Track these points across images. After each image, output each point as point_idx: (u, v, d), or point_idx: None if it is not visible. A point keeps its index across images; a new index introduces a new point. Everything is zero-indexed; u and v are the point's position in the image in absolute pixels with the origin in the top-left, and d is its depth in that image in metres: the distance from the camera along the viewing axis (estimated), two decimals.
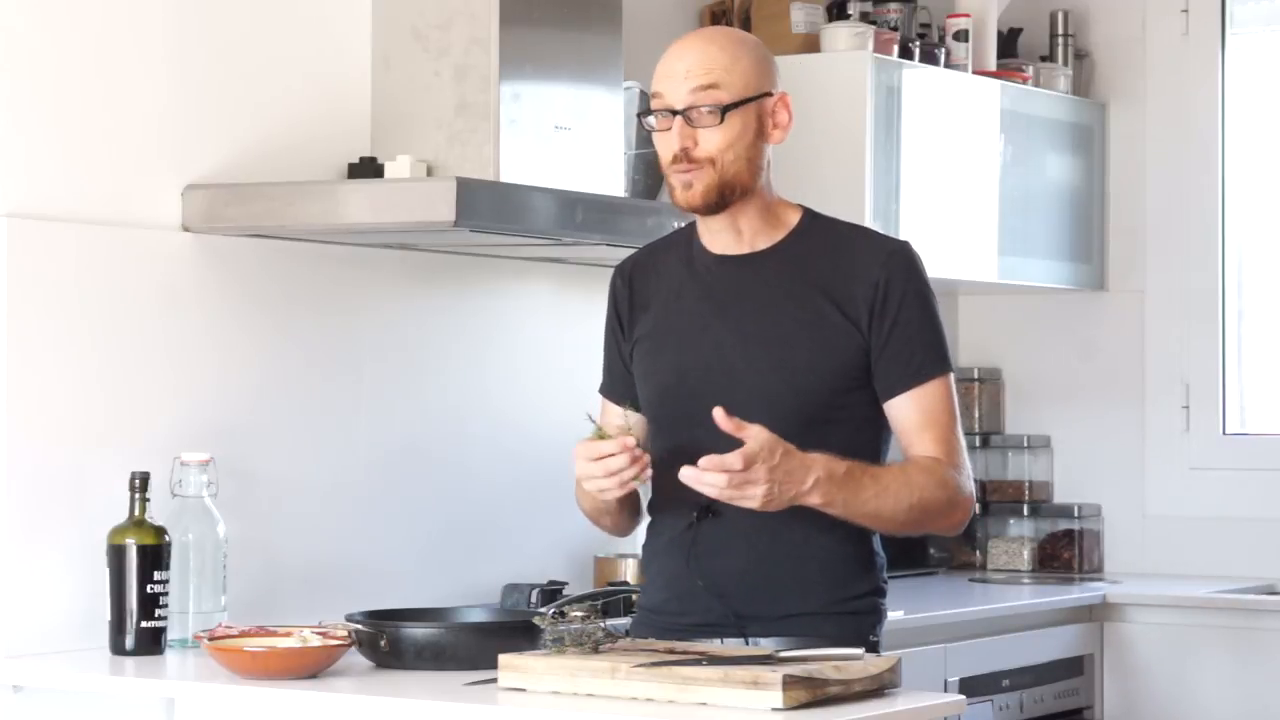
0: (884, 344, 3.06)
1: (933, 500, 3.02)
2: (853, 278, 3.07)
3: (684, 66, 3.03)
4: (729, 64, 3.03)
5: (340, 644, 3.17)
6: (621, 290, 3.23)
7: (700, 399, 3.05)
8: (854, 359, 3.06)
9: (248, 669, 3.13)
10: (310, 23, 3.89)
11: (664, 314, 3.16)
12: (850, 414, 3.08)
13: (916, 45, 4.87)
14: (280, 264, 3.80)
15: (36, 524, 3.41)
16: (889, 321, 3.05)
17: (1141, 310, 5.46)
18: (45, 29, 3.46)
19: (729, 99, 3.02)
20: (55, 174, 3.47)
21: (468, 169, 3.77)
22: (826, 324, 3.06)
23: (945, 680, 4.35)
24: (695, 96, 3.02)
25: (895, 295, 3.06)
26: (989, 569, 5.42)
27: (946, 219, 4.93)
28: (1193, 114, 5.39)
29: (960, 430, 3.11)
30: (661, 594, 3.17)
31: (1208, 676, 4.88)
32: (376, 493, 3.97)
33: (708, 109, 3.01)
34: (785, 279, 3.09)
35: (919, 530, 3.11)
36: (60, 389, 3.45)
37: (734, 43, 3.07)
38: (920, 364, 3.07)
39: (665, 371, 3.15)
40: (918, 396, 3.07)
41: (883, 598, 3.16)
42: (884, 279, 3.06)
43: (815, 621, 3.03)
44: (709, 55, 3.03)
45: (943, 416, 3.08)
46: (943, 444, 3.06)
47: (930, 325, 3.10)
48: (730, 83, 3.02)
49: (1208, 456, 5.36)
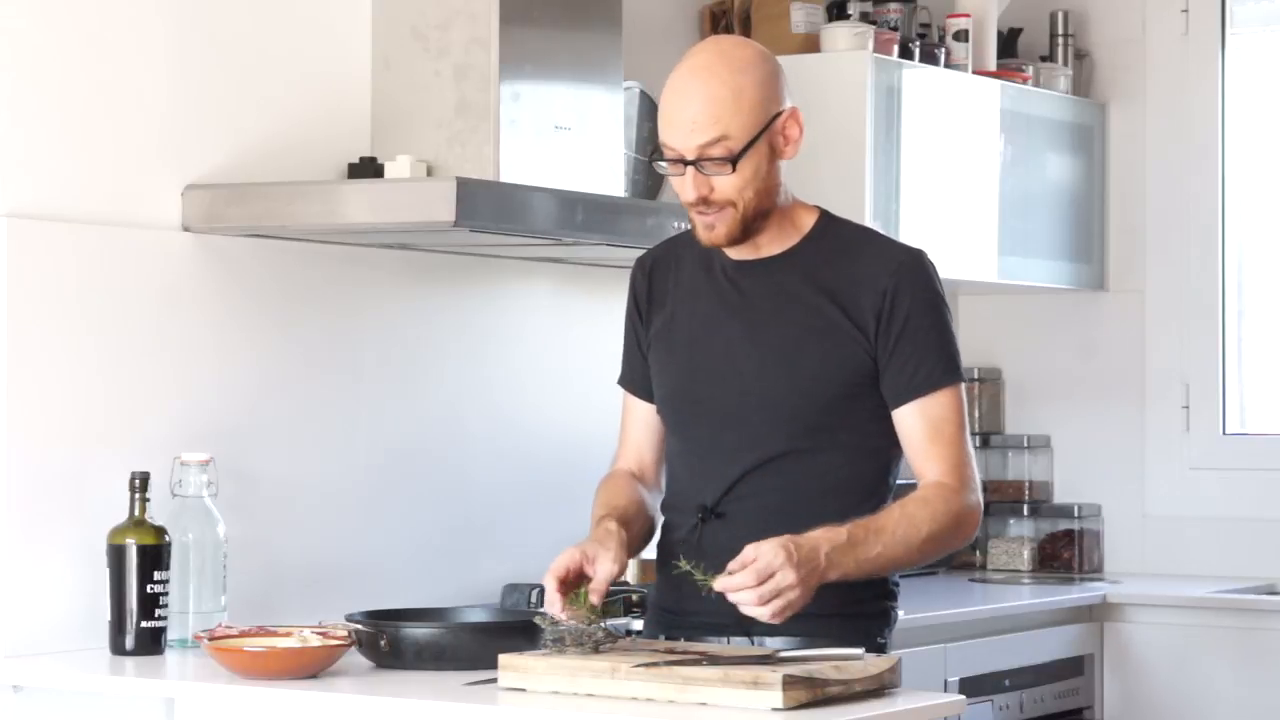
0: (890, 353, 3.05)
1: (940, 531, 3.01)
2: (861, 285, 3.07)
3: (689, 117, 2.98)
4: (734, 105, 2.97)
5: (340, 644, 3.17)
6: (641, 283, 3.24)
7: (710, 401, 3.08)
8: (861, 366, 3.06)
9: (248, 669, 3.13)
10: (310, 23, 3.89)
11: (680, 314, 3.17)
12: (857, 419, 3.08)
13: (916, 45, 4.87)
14: (280, 264, 3.80)
15: (36, 524, 3.41)
16: (896, 330, 3.04)
17: (1141, 310, 5.46)
18: (46, 29, 3.46)
19: (739, 145, 2.98)
20: (55, 174, 3.47)
21: (468, 169, 3.77)
22: (834, 330, 3.06)
23: (945, 680, 4.35)
24: (704, 150, 2.98)
25: (903, 304, 3.05)
26: (989, 569, 5.42)
27: (946, 219, 4.93)
28: (1193, 114, 5.39)
29: (969, 442, 3.09)
30: (671, 594, 3.17)
31: (1208, 676, 4.88)
32: (377, 493, 3.97)
33: (718, 160, 2.98)
34: (796, 284, 3.10)
35: (935, 559, 3.12)
36: (60, 389, 3.45)
37: (736, 73, 2.99)
38: (927, 374, 3.05)
39: (677, 372, 3.16)
40: (925, 407, 3.05)
41: (893, 600, 3.16)
42: (892, 287, 3.05)
43: (823, 624, 3.03)
44: (713, 100, 2.97)
45: (948, 429, 3.06)
46: (948, 461, 3.05)
47: (939, 334, 3.08)
48: (738, 125, 2.98)
49: (1208, 456, 5.36)
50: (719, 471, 3.09)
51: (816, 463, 3.06)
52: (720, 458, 3.07)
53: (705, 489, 3.07)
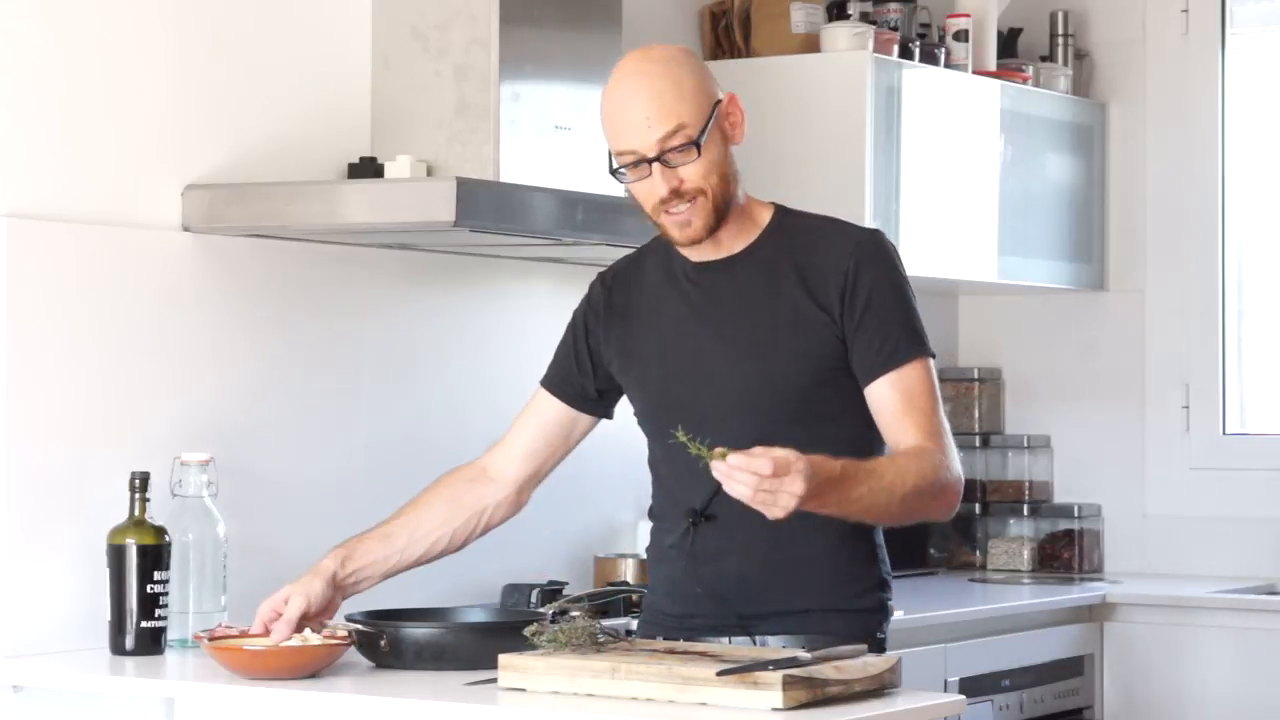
0: (856, 330, 3.06)
1: (926, 485, 2.99)
2: (824, 269, 3.08)
3: (641, 114, 3.01)
4: (679, 94, 3.01)
5: (340, 644, 3.17)
6: (600, 296, 3.26)
7: (687, 406, 3.09)
8: (832, 350, 3.07)
9: (248, 668, 3.13)
10: (310, 23, 3.89)
11: (648, 325, 3.19)
12: (836, 406, 3.09)
13: (916, 45, 4.87)
14: (280, 264, 3.80)
15: (36, 524, 3.41)
16: (860, 308, 3.06)
17: (1141, 310, 5.46)
18: (46, 30, 3.46)
19: (696, 130, 3.01)
20: (55, 174, 3.47)
21: (468, 169, 3.77)
22: (803, 319, 3.07)
23: (945, 680, 4.35)
24: (666, 142, 3.00)
25: (865, 282, 3.06)
26: (989, 569, 5.41)
27: (946, 219, 4.93)
28: (1193, 114, 5.39)
29: (942, 413, 3.09)
30: (666, 598, 3.18)
31: (1208, 676, 4.88)
32: (377, 492, 3.96)
33: (682, 148, 3.01)
34: (760, 278, 3.11)
35: (914, 519, 3.06)
36: (60, 389, 3.45)
37: (670, 67, 3.04)
38: (894, 347, 3.06)
39: (653, 381, 3.18)
40: (896, 380, 3.06)
41: (887, 592, 3.16)
42: (852, 266, 3.07)
43: (821, 618, 3.03)
44: (660, 93, 3.01)
45: (922, 400, 3.06)
46: (925, 429, 3.04)
47: (902, 309, 3.09)
48: (690, 113, 3.01)
49: (1208, 456, 5.36)
50: (704, 474, 3.08)
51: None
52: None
53: (692, 493, 3.07)
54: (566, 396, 3.30)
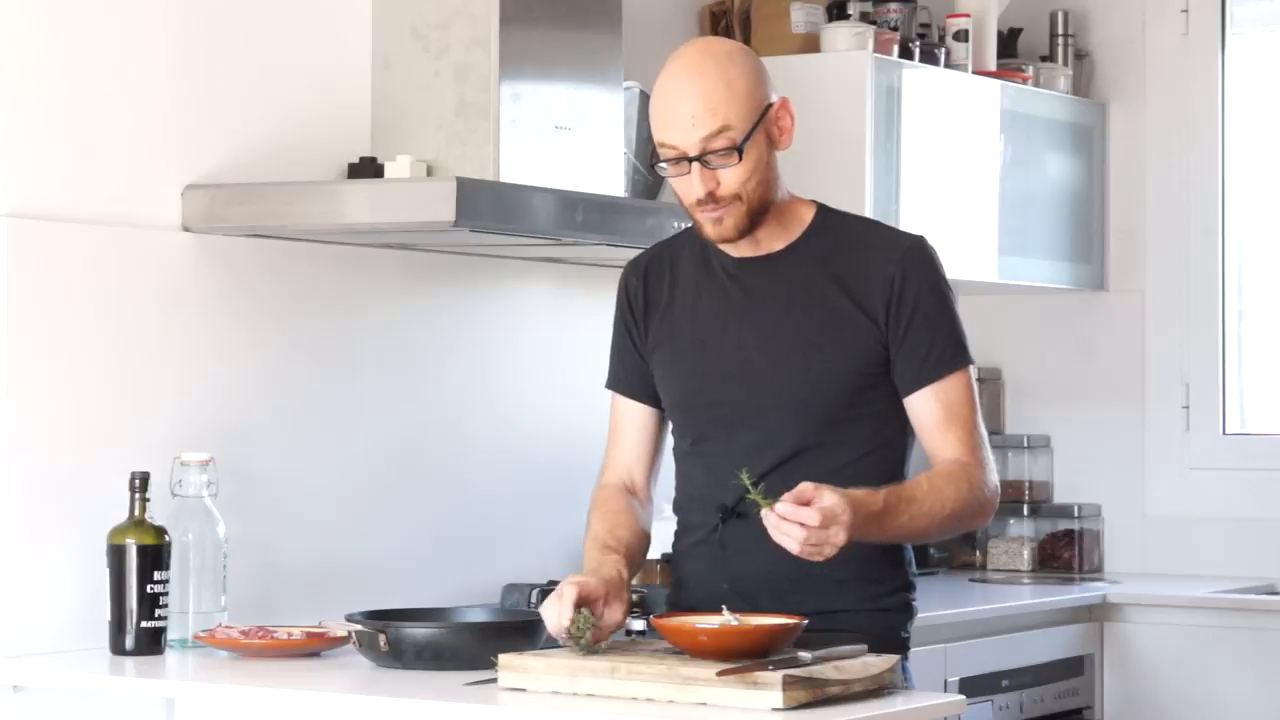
0: (901, 339, 3.06)
1: (963, 508, 3.03)
2: (868, 274, 3.08)
3: (688, 111, 2.99)
4: (729, 96, 2.99)
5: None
6: (635, 287, 3.23)
7: (724, 403, 3.09)
8: (873, 354, 3.07)
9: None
10: (310, 23, 3.89)
11: (684, 317, 3.17)
12: (873, 410, 3.09)
13: (916, 45, 4.87)
14: (280, 264, 3.80)
15: (36, 524, 3.41)
16: (905, 317, 3.06)
17: (1141, 310, 5.46)
18: (46, 30, 3.46)
19: (741, 135, 2.99)
20: (55, 174, 3.47)
21: (468, 169, 3.77)
22: (845, 321, 3.07)
23: (945, 680, 4.35)
24: (708, 143, 2.99)
25: (911, 291, 3.07)
26: (989, 569, 5.41)
27: (946, 219, 4.93)
28: (1193, 114, 5.39)
29: (981, 422, 3.12)
30: (692, 595, 3.17)
31: (1208, 676, 4.88)
32: (377, 493, 3.97)
33: (723, 151, 3.00)
34: (802, 278, 3.10)
35: (949, 536, 3.16)
36: (60, 389, 3.45)
37: (725, 67, 3.01)
38: (939, 358, 3.08)
39: (688, 375, 3.16)
40: (938, 391, 3.08)
41: (912, 592, 3.17)
42: (899, 274, 3.07)
43: (847, 619, 3.04)
44: (710, 93, 2.98)
45: (963, 410, 3.09)
46: (966, 442, 3.07)
47: (947, 319, 3.11)
48: (737, 115, 2.99)
49: (1208, 456, 5.36)
50: (735, 476, 3.08)
51: (834, 457, 3.06)
52: (738, 458, 3.05)
53: (724, 489, 3.06)
54: (639, 393, 3.23)
